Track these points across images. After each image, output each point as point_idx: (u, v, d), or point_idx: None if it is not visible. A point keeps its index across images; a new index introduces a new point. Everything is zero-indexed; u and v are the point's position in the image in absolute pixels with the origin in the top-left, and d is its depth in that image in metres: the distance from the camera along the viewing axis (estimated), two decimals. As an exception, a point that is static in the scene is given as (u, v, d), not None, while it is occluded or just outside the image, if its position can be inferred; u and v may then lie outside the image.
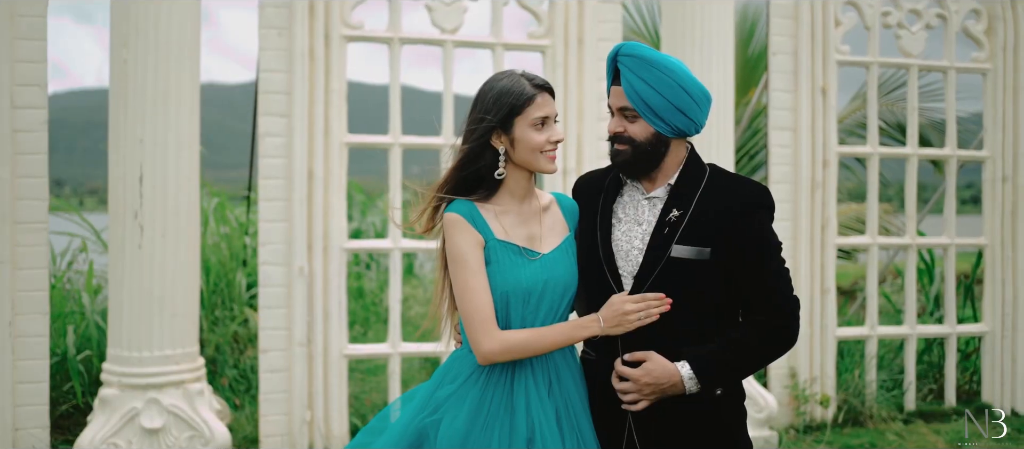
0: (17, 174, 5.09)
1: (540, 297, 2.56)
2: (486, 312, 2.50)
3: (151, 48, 4.85)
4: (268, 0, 5.36)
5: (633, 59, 2.54)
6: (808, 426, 6.09)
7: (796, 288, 5.92)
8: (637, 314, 2.51)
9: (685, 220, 2.54)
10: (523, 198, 2.65)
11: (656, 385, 2.50)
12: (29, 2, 5.10)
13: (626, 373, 2.53)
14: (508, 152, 2.59)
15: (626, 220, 2.64)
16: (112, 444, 4.86)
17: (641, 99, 2.53)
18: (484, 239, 2.56)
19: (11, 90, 5.03)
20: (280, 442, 5.38)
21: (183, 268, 5.03)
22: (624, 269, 2.59)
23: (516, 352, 2.51)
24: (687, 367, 2.50)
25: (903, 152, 6.53)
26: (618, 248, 2.62)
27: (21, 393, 5.14)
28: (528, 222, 2.64)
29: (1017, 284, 6.55)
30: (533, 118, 2.55)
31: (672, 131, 2.56)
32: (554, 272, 2.58)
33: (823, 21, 6.13)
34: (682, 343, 2.52)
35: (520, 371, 2.56)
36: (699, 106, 2.57)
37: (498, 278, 2.55)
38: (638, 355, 2.53)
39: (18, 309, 5.12)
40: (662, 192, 2.62)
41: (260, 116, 5.39)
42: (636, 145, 2.57)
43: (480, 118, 2.56)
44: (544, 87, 2.59)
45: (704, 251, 2.51)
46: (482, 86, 2.62)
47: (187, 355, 5.07)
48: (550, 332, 2.53)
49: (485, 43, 5.69)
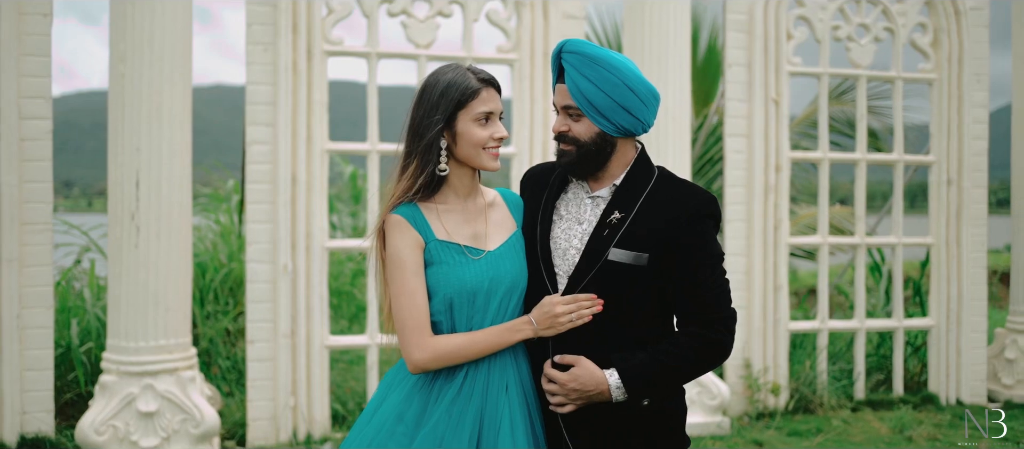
0: (24, 179, 5.54)
1: (487, 296, 2.49)
2: (419, 318, 2.45)
3: (146, 65, 5.29)
4: (255, 18, 5.80)
5: (577, 56, 2.46)
6: (760, 413, 6.52)
7: (750, 286, 6.46)
8: (568, 315, 2.45)
9: (626, 223, 2.47)
10: (467, 195, 2.58)
11: (582, 391, 2.44)
12: (35, 20, 5.55)
13: (553, 376, 2.48)
14: (450, 147, 2.51)
15: (567, 218, 2.58)
16: (111, 425, 5.30)
17: (585, 97, 2.45)
18: (424, 240, 2.50)
19: (18, 102, 5.48)
20: (266, 426, 5.83)
21: (176, 266, 5.48)
22: (560, 268, 2.54)
23: (448, 359, 2.45)
24: (615, 375, 2.44)
25: (852, 157, 6.95)
26: (556, 246, 2.55)
27: (28, 380, 5.59)
28: (473, 220, 2.57)
29: (962, 281, 6.97)
30: (477, 113, 2.48)
31: (618, 130, 2.50)
32: (500, 269, 2.51)
33: (776, 35, 6.55)
34: (614, 349, 2.47)
35: (474, 372, 2.50)
36: (646, 105, 2.49)
37: (440, 279, 2.48)
38: (568, 359, 2.48)
39: (25, 303, 5.57)
40: (606, 192, 2.55)
41: (247, 125, 5.84)
42: (581, 145, 2.50)
43: (426, 118, 2.49)
44: (489, 81, 2.51)
45: (642, 257, 2.45)
46: (427, 79, 2.54)
47: (180, 345, 5.52)
48: (482, 336, 2.46)
49: (456, 57, 6.13)
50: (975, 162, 6.96)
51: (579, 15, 6.26)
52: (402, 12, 6.02)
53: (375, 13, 5.99)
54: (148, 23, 5.30)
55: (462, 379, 2.49)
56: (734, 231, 6.54)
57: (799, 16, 6.69)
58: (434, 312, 2.50)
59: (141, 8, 5.26)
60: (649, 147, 5.83)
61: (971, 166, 6.94)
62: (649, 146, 5.84)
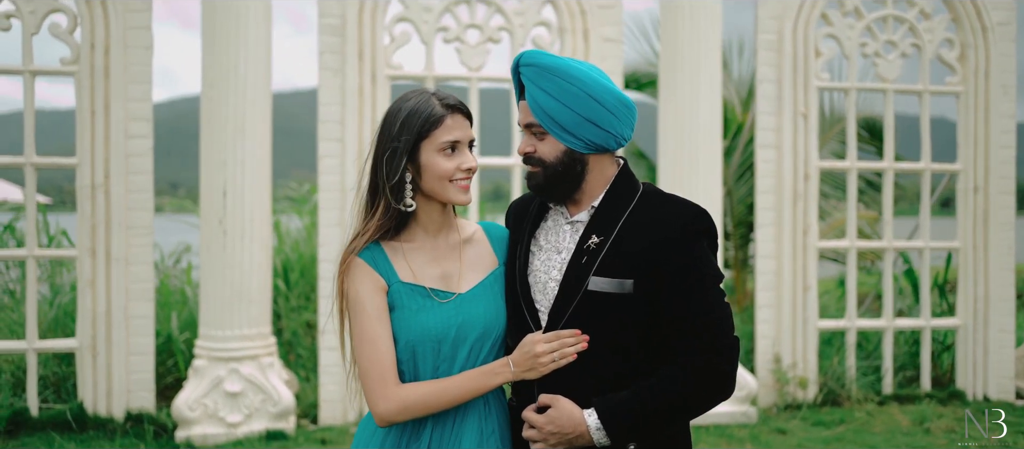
0: (129, 189, 6.40)
1: (454, 344, 2.26)
2: (382, 367, 2.22)
3: (231, 91, 6.11)
4: (326, 47, 6.57)
5: (533, 68, 2.23)
6: (789, 405, 7.02)
7: (780, 286, 6.98)
8: (550, 355, 2.19)
9: (605, 248, 2.20)
10: (437, 232, 2.36)
11: (561, 434, 2.18)
12: (139, 53, 6.39)
13: (531, 420, 2.23)
14: (416, 180, 2.28)
15: (546, 248, 2.33)
16: (202, 403, 6.13)
17: (546, 113, 2.21)
18: (387, 283, 2.28)
19: (125, 123, 6.35)
20: (335, 407, 6.59)
21: (258, 265, 6.28)
22: (541, 304, 2.28)
23: (417, 409, 2.22)
24: (594, 416, 2.16)
25: (880, 166, 7.38)
26: (536, 280, 2.30)
27: (132, 364, 6.46)
28: (444, 258, 2.34)
29: (989, 283, 7.33)
30: (441, 142, 2.24)
31: (587, 147, 2.23)
32: (470, 313, 2.27)
33: (805, 52, 7.03)
34: (605, 389, 2.19)
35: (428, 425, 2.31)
36: (615, 116, 2.22)
37: (402, 325, 2.26)
38: (546, 399, 2.22)
39: (130, 297, 6.44)
40: (585, 216, 2.29)
41: (319, 140, 6.61)
42: (547, 165, 2.25)
43: (387, 150, 2.26)
44: (456, 108, 2.28)
45: (625, 284, 2.17)
46: (390, 107, 2.31)
47: (261, 335, 6.32)
48: (455, 383, 2.23)
49: (505, 78, 6.80)
50: (1002, 170, 7.31)
51: (617, 38, 6.86)
52: (456, 39, 6.72)
53: (432, 40, 6.70)
54: (234, 54, 6.11)
55: (429, 434, 2.29)
56: (764, 235, 7.05)
57: (828, 34, 7.16)
58: (398, 362, 2.28)
59: (227, 41, 6.08)
60: (679, 160, 6.46)
61: (998, 173, 7.30)
62: (679, 159, 6.46)
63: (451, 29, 6.73)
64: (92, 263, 6.28)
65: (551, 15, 6.84)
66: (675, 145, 6.61)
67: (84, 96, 6.24)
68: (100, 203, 6.28)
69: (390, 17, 6.67)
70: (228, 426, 6.10)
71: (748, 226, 9.80)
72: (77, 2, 6.25)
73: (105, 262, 6.29)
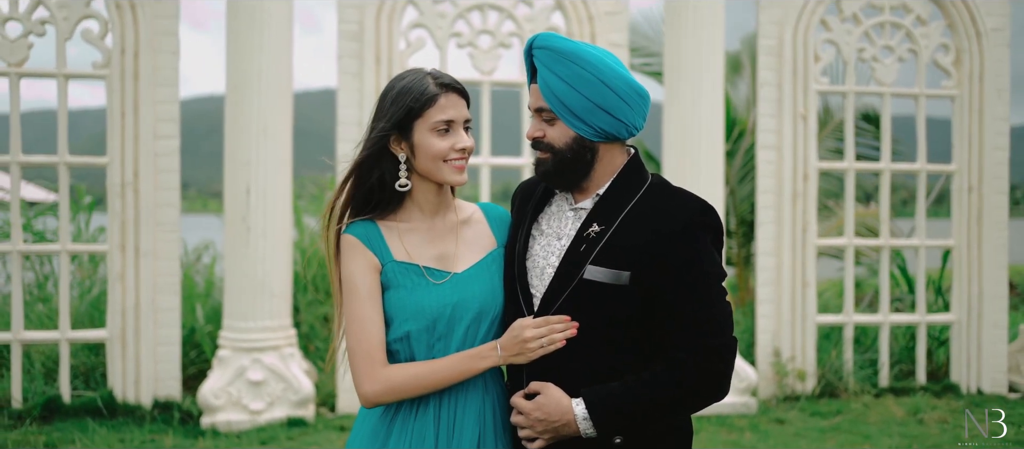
0: (157, 187, 6.71)
1: (449, 323, 2.24)
2: (369, 348, 2.20)
3: (255, 95, 6.42)
4: (345, 51, 6.87)
5: (547, 52, 2.19)
6: (788, 396, 7.29)
7: (779, 282, 7.25)
8: (538, 340, 2.17)
9: (605, 237, 2.17)
10: (434, 212, 2.35)
11: (548, 422, 2.16)
12: (166, 58, 6.69)
13: (519, 406, 2.22)
14: (410, 160, 2.27)
15: (548, 233, 2.31)
16: (226, 392, 6.44)
17: (557, 98, 2.18)
18: (381, 262, 2.26)
19: (154, 125, 6.66)
20: (352, 396, 6.88)
21: (279, 260, 6.58)
22: (536, 289, 2.25)
23: (404, 391, 2.21)
24: (581, 405, 2.14)
25: (877, 167, 7.65)
26: (533, 265, 2.28)
27: (159, 353, 6.77)
28: (440, 239, 2.33)
29: (983, 280, 7.59)
30: (435, 121, 2.23)
31: (597, 134, 2.20)
32: (466, 293, 2.26)
33: (804, 57, 7.30)
34: (598, 381, 2.17)
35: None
36: (628, 104, 2.18)
37: (396, 305, 2.25)
38: (536, 386, 2.21)
39: (157, 290, 6.75)
40: (589, 203, 2.26)
41: (338, 142, 6.91)
42: (556, 151, 2.22)
43: (378, 123, 2.27)
44: (451, 86, 2.26)
45: (622, 275, 2.14)
46: (385, 86, 2.31)
47: (282, 326, 6.62)
48: (443, 365, 2.22)
49: (516, 82, 7.08)
50: (996, 171, 7.57)
51: (622, 43, 7.14)
52: (469, 44, 7.02)
53: (446, 45, 7.00)
54: (256, 59, 6.42)
55: (434, 411, 2.28)
56: (765, 233, 7.33)
57: (827, 39, 7.42)
58: (391, 341, 2.27)
59: (250, 47, 6.39)
60: (682, 156, 6.73)
61: (992, 174, 7.55)
62: (682, 155, 6.74)
63: (464, 34, 7.02)
64: (122, 258, 6.60)
65: (560, 21, 7.13)
66: (678, 145, 6.88)
67: (115, 98, 6.56)
68: (130, 200, 6.59)
69: (406, 23, 6.97)
70: (251, 413, 6.41)
71: (751, 225, 10.07)
72: (108, 8, 6.57)
73: (134, 257, 6.61)
